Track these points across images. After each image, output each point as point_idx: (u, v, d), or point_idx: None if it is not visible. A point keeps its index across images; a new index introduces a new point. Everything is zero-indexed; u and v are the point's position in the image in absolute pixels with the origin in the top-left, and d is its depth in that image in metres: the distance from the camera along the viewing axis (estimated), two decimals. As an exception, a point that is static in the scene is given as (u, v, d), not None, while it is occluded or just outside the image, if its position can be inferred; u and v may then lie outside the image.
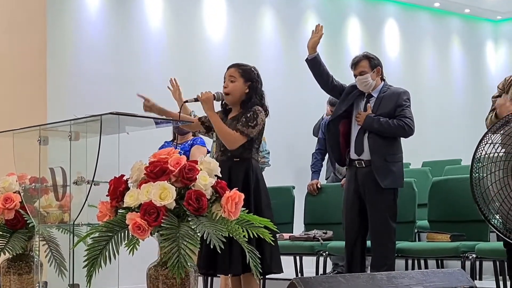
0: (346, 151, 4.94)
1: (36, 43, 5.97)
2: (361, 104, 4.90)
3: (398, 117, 4.81)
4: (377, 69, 4.88)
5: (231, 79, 4.11)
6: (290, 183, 6.67)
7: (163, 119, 4.04)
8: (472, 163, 3.60)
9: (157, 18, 7.87)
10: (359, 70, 4.85)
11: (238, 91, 4.09)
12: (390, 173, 4.77)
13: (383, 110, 4.81)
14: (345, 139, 4.95)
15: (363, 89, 4.88)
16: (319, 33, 4.88)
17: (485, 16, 11.42)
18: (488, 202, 3.51)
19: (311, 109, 8.20)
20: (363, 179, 4.81)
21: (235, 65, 4.19)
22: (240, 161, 4.03)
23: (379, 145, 4.78)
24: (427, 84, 10.61)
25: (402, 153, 4.93)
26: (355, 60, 4.90)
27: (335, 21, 9.40)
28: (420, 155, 8.97)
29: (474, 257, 4.75)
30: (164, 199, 2.65)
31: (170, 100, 5.73)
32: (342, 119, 4.96)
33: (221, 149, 4.08)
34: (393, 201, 4.81)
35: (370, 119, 4.78)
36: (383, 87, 4.92)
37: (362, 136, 4.83)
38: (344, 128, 4.96)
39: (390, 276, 2.19)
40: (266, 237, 2.88)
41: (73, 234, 3.31)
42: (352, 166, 4.89)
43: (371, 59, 4.89)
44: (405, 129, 4.81)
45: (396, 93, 4.89)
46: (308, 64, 4.93)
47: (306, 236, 5.72)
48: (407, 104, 4.87)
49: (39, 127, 3.52)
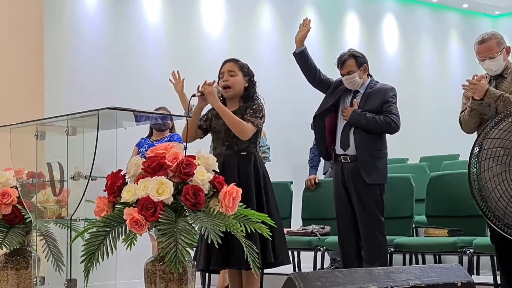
0: (332, 145, 4.95)
1: (34, 37, 5.95)
2: (348, 99, 4.91)
3: (385, 113, 4.80)
4: (364, 67, 4.87)
5: (231, 73, 4.13)
6: (288, 178, 6.67)
7: (165, 115, 4.03)
8: (470, 158, 3.60)
9: (155, 13, 7.85)
10: (347, 70, 4.84)
11: (239, 85, 4.13)
12: (375, 169, 4.77)
13: (370, 106, 4.81)
14: (331, 134, 4.95)
15: (351, 88, 4.89)
16: (307, 27, 4.88)
17: (484, 11, 11.41)
18: (486, 197, 3.51)
19: (308, 104, 8.14)
20: (348, 174, 4.82)
21: (233, 60, 4.21)
22: (247, 155, 4.06)
23: (365, 141, 4.78)
24: (425, 79, 10.61)
25: (387, 149, 4.92)
26: (341, 60, 4.87)
27: (333, 16, 9.38)
28: (418, 150, 8.97)
29: (472, 252, 4.75)
30: (161, 194, 2.65)
31: (167, 94, 5.73)
32: (328, 113, 4.95)
33: (226, 143, 4.08)
34: (380, 196, 4.81)
35: (357, 114, 4.78)
36: (370, 83, 4.92)
37: (348, 131, 4.83)
38: (330, 123, 4.95)
39: (387, 271, 2.19)
40: (264, 232, 2.88)
41: (70, 229, 3.30)
42: (338, 161, 4.89)
43: (358, 57, 4.86)
44: (392, 126, 4.79)
45: (383, 89, 4.88)
46: (296, 58, 4.93)
47: (304, 231, 5.73)
48: (393, 101, 4.85)
49: (36, 122, 3.51)
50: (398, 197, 5.36)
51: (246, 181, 3.96)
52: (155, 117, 4.14)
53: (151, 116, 3.94)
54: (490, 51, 4.16)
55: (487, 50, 4.17)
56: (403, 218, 5.40)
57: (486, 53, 4.17)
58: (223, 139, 4.10)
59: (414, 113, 9.86)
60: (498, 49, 4.16)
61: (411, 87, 10.21)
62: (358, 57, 4.87)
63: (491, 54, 4.15)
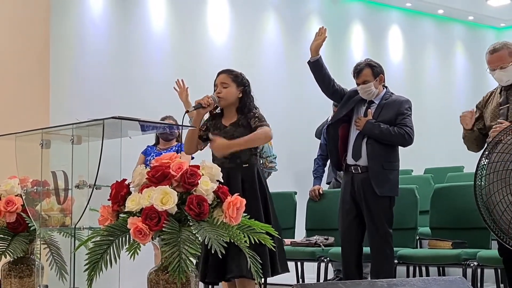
0: (343, 155, 4.92)
1: (39, 46, 5.97)
2: (362, 110, 4.87)
3: (399, 125, 4.77)
4: (380, 77, 4.84)
5: (224, 85, 4.17)
6: (292, 188, 6.67)
7: (169, 125, 4.04)
8: (476, 171, 3.59)
9: (161, 21, 7.88)
10: (362, 79, 4.80)
11: (231, 96, 4.16)
12: (386, 181, 4.74)
13: (384, 117, 4.78)
14: (343, 144, 4.92)
15: (366, 97, 4.86)
16: (322, 36, 4.82)
17: (489, 24, 11.42)
18: (491, 210, 3.50)
19: (313, 113, 8.19)
20: (359, 185, 4.79)
21: (226, 71, 4.25)
22: (249, 166, 4.09)
23: (377, 152, 4.75)
24: (430, 90, 10.61)
25: (399, 161, 4.89)
26: (358, 69, 4.84)
27: (339, 27, 9.40)
28: (422, 162, 8.96)
29: (476, 265, 4.74)
30: (165, 203, 2.65)
31: (173, 103, 5.74)
32: (342, 123, 4.92)
33: (227, 156, 4.09)
34: (389, 208, 4.79)
35: (371, 124, 4.76)
36: (385, 94, 4.89)
37: (360, 142, 4.80)
38: (343, 132, 4.92)
39: (391, 283, 2.18)
40: (267, 243, 2.87)
41: (74, 237, 3.30)
42: (349, 171, 4.87)
43: (374, 67, 4.83)
44: (405, 138, 4.76)
45: (398, 101, 4.85)
46: (310, 67, 4.88)
47: (308, 242, 5.72)
48: (408, 113, 4.82)
49: (41, 131, 3.52)
50: (402, 209, 5.35)
51: (252, 193, 3.99)
52: (162, 127, 4.17)
53: (158, 126, 3.95)
54: (501, 61, 4.08)
55: (498, 60, 4.09)
56: (407, 229, 5.39)
57: (497, 63, 4.09)
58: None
59: (419, 124, 9.80)
60: (510, 59, 4.08)
61: (416, 98, 10.17)
62: (374, 67, 4.83)
63: (502, 64, 4.08)
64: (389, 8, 10.18)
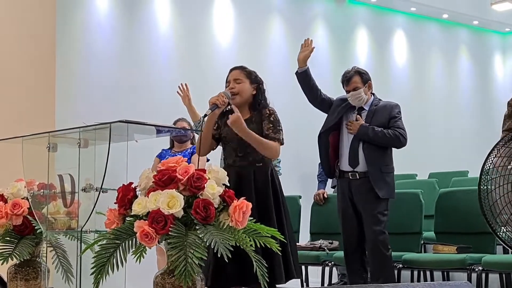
0: (335, 162, 4.97)
1: (46, 50, 6.00)
2: (352, 117, 4.95)
3: (392, 128, 4.86)
4: (369, 84, 4.95)
5: (237, 81, 4.02)
6: (296, 192, 6.67)
7: (176, 128, 4.02)
8: (481, 175, 3.60)
9: (166, 25, 7.90)
10: (352, 86, 4.90)
11: (246, 92, 4.02)
12: (385, 184, 4.82)
13: (377, 122, 4.87)
14: (334, 151, 4.98)
15: (356, 104, 4.94)
16: (309, 47, 4.91)
17: (493, 28, 11.42)
18: (496, 215, 3.50)
19: (317, 117, 8.16)
20: (356, 190, 4.86)
21: (239, 67, 4.11)
22: (262, 165, 3.98)
23: (375, 157, 4.83)
24: (434, 95, 10.61)
25: (393, 164, 4.96)
26: (347, 76, 4.94)
27: (344, 31, 9.41)
28: (427, 166, 8.96)
29: (481, 270, 4.74)
30: (172, 207, 2.66)
31: (180, 105, 5.76)
32: (332, 131, 5.00)
33: (239, 154, 3.97)
34: (386, 210, 4.86)
35: (365, 128, 4.82)
36: (373, 100, 4.99)
37: (356, 148, 4.85)
38: (333, 140, 5.00)
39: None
40: (273, 247, 2.87)
41: (80, 241, 3.31)
42: (344, 178, 4.91)
43: (363, 74, 4.95)
44: (400, 139, 4.85)
45: (389, 105, 4.95)
46: (298, 77, 4.97)
47: (312, 246, 5.72)
48: (399, 116, 4.93)
49: (48, 134, 3.53)
50: (407, 213, 5.36)
51: (264, 193, 3.91)
52: (170, 130, 4.12)
53: (168, 129, 3.94)
54: None
55: None
56: (411, 234, 5.40)
57: None
58: (236, 149, 3.99)
59: (424, 128, 9.86)
60: None
61: (421, 102, 10.21)
62: (363, 74, 4.94)
63: None
64: (394, 12, 10.19)
